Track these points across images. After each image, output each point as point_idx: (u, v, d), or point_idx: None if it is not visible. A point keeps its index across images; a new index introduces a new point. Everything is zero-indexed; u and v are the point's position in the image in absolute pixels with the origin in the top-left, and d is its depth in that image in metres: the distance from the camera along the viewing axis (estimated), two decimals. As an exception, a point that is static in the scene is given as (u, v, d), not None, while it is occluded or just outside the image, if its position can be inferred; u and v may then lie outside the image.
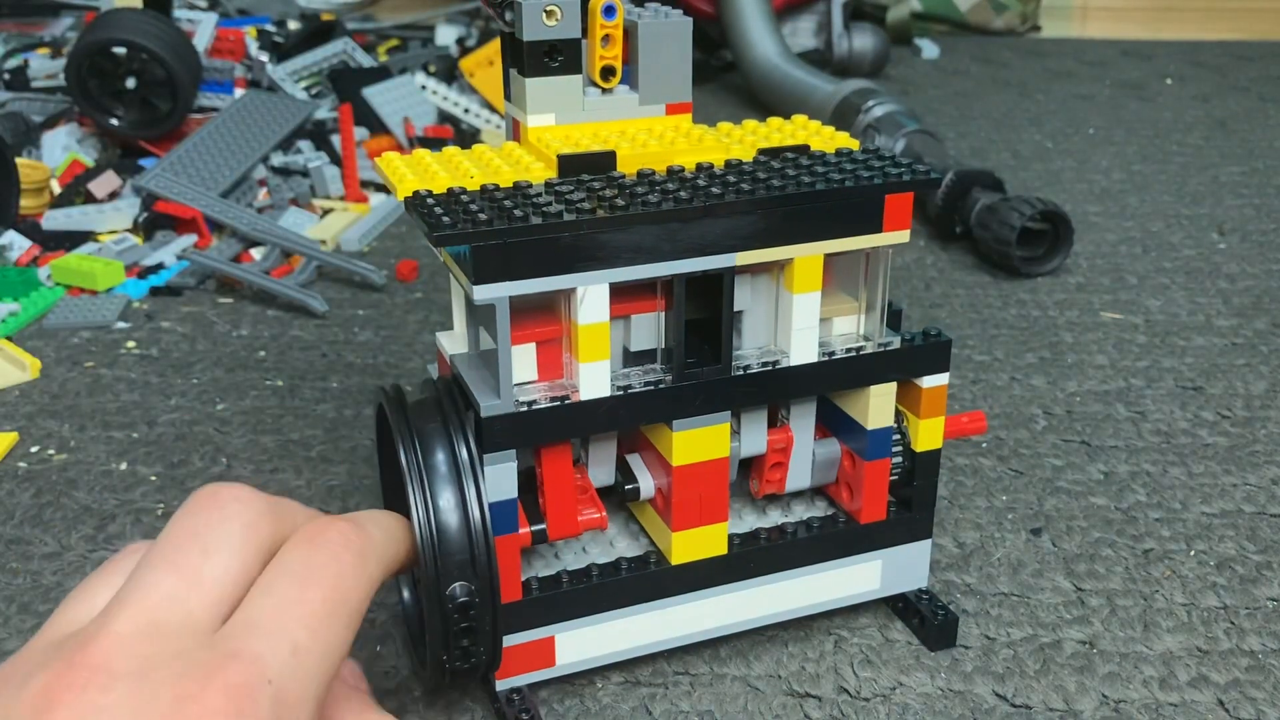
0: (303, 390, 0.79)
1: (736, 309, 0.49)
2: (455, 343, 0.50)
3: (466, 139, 1.35)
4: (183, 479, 0.68)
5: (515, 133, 0.50)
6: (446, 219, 0.42)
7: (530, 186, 0.45)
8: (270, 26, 1.47)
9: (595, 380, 0.46)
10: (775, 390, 0.49)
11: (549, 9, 0.46)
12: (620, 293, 0.46)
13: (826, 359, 0.49)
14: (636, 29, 0.48)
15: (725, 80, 1.78)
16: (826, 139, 0.51)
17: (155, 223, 1.04)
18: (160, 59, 1.12)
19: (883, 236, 0.48)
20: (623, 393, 0.46)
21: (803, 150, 0.49)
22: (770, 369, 0.49)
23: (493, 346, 0.45)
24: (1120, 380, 0.80)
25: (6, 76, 1.39)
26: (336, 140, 1.24)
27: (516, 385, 0.46)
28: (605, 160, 0.46)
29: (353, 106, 1.23)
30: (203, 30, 1.31)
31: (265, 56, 1.33)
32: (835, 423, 0.54)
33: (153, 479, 0.68)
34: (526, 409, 0.45)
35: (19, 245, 0.99)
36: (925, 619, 0.54)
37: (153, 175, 1.08)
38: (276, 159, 1.19)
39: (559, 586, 0.49)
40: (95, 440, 0.72)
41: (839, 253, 0.49)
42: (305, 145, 1.23)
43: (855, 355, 0.50)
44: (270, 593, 0.35)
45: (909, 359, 0.51)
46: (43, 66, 1.43)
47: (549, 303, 0.48)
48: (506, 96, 0.51)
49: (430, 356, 0.84)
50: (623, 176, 0.46)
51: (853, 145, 0.50)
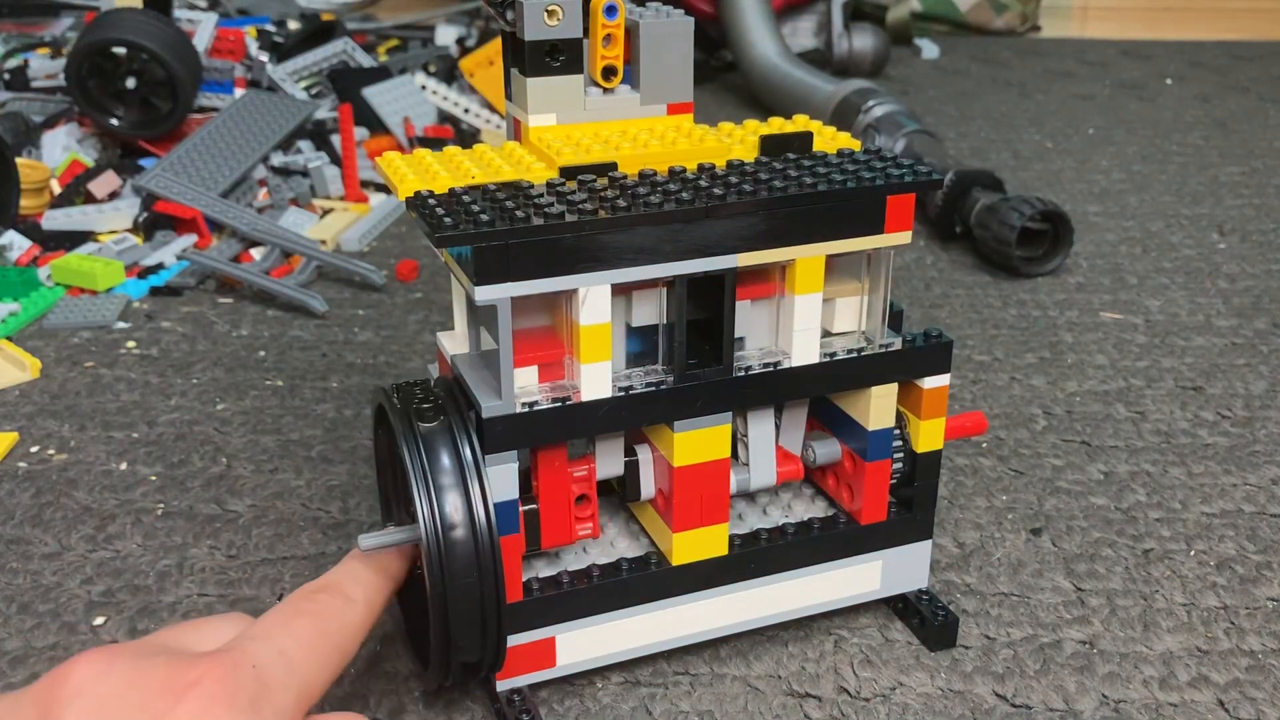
0: (303, 390, 0.79)
1: (738, 335, 0.49)
2: (456, 343, 0.50)
3: (466, 139, 1.35)
4: (183, 479, 0.68)
5: (516, 132, 0.50)
6: (448, 219, 0.42)
7: (532, 187, 0.45)
8: (270, 26, 1.47)
9: (597, 381, 0.46)
10: (777, 391, 0.49)
11: (550, 8, 0.46)
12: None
13: (828, 359, 0.49)
14: (638, 29, 0.48)
15: (725, 80, 1.78)
16: (828, 139, 0.51)
17: (155, 223, 1.04)
18: (160, 59, 1.12)
19: (885, 237, 0.48)
20: (624, 393, 0.46)
21: (806, 138, 0.49)
22: (772, 370, 0.49)
23: (494, 347, 0.45)
24: (1120, 380, 0.80)
25: (6, 76, 1.39)
26: (336, 140, 1.24)
27: (518, 388, 0.46)
28: (608, 170, 0.46)
29: (353, 106, 1.23)
30: (203, 30, 1.31)
31: (265, 56, 1.33)
32: (836, 423, 0.54)
33: (153, 479, 0.68)
34: (528, 410, 0.45)
35: (19, 245, 0.99)
36: (925, 619, 0.54)
37: (153, 175, 1.08)
38: (276, 159, 1.19)
39: (560, 587, 0.49)
40: (95, 440, 0.72)
41: (841, 254, 0.49)
42: (305, 145, 1.23)
43: (856, 356, 0.50)
44: (258, 624, 0.40)
45: (910, 360, 0.51)
46: (43, 66, 1.43)
47: (550, 313, 0.48)
48: (508, 96, 0.51)
49: (430, 356, 0.84)
50: (624, 177, 0.46)
51: (854, 146, 0.50)
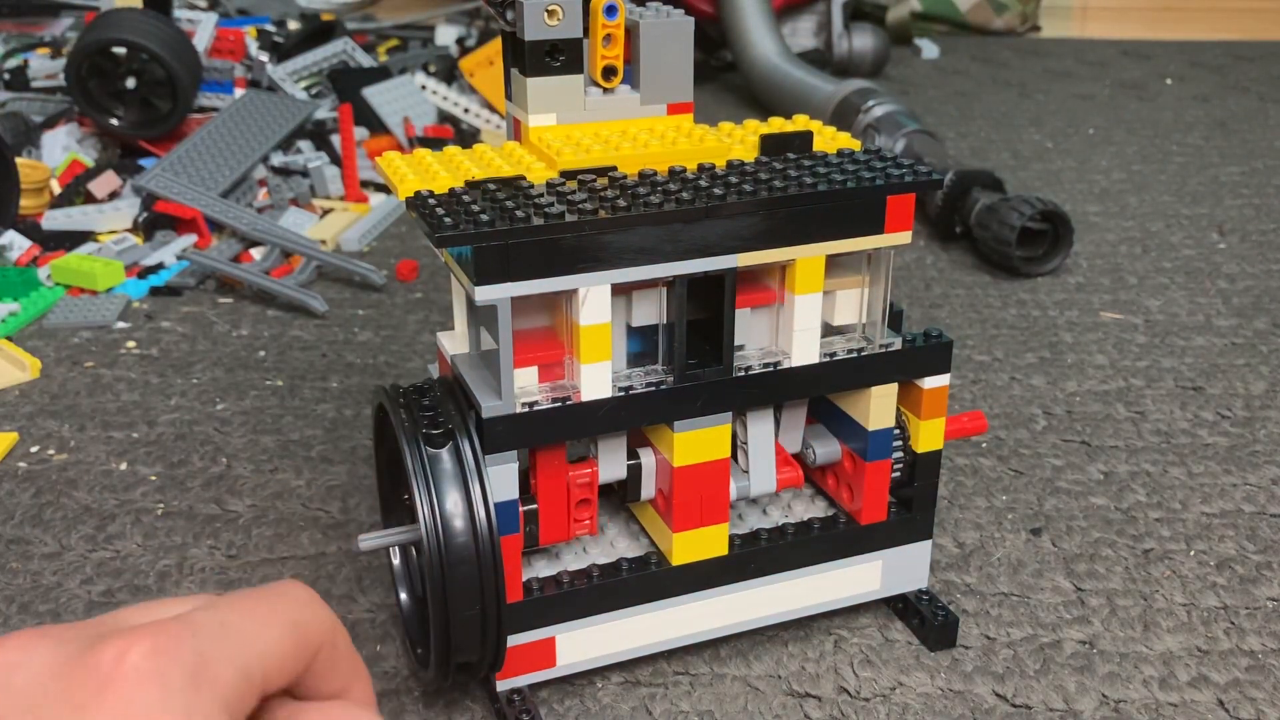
0: (303, 390, 0.79)
1: (737, 342, 0.49)
2: (456, 343, 0.50)
3: (466, 139, 1.35)
4: (183, 479, 0.68)
5: (516, 132, 0.50)
6: (448, 220, 0.42)
7: (532, 187, 0.45)
8: (270, 26, 1.47)
9: (597, 381, 0.46)
10: (777, 391, 0.49)
11: (550, 8, 0.46)
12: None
13: (828, 360, 0.49)
14: (638, 29, 0.48)
15: (725, 80, 1.78)
16: (828, 139, 0.51)
17: (155, 223, 1.04)
18: (160, 59, 1.12)
19: (885, 237, 0.48)
20: (624, 393, 0.46)
21: (806, 137, 0.49)
22: (772, 370, 0.49)
23: (494, 347, 0.45)
24: (1120, 380, 0.80)
25: (6, 76, 1.39)
26: (336, 140, 1.24)
27: (518, 388, 0.46)
28: (608, 171, 0.46)
29: (353, 106, 1.23)
30: (203, 30, 1.31)
31: (265, 56, 1.33)
32: (836, 423, 0.54)
33: (153, 479, 0.68)
34: (528, 410, 0.45)
35: (19, 245, 0.99)
36: (925, 619, 0.54)
37: (153, 175, 1.08)
38: (276, 159, 1.19)
39: (560, 587, 0.49)
40: (95, 440, 0.72)
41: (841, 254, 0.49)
42: (305, 145, 1.23)
43: (856, 356, 0.50)
44: (205, 600, 0.33)
45: (910, 360, 0.51)
46: (43, 66, 1.43)
47: (550, 313, 0.48)
48: (508, 96, 0.51)
49: (430, 356, 0.84)
50: (624, 177, 0.46)
51: (854, 146, 0.50)
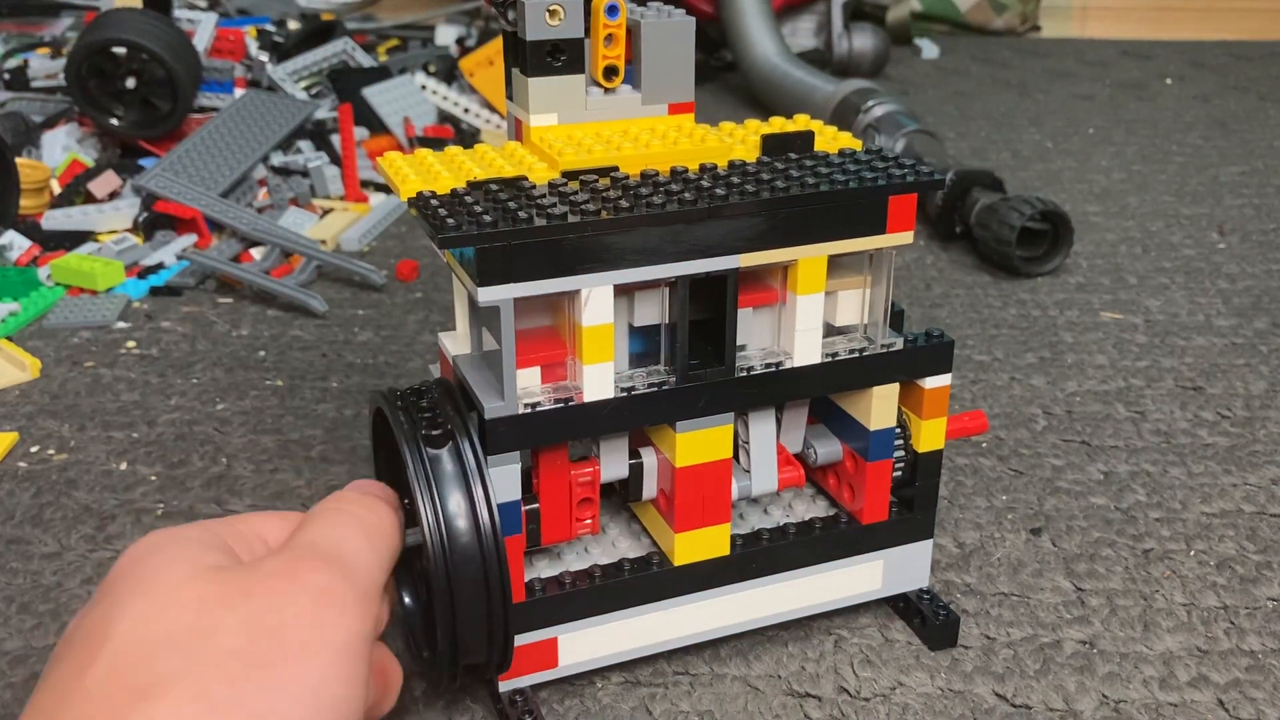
0: (303, 390, 0.79)
1: (740, 342, 0.49)
2: (458, 343, 0.50)
3: (467, 139, 1.35)
4: (183, 479, 0.68)
5: (517, 132, 0.50)
6: (451, 220, 0.42)
7: (534, 187, 0.45)
8: (270, 26, 1.47)
9: (599, 382, 0.46)
10: (779, 391, 0.49)
11: (552, 8, 0.46)
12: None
13: (830, 360, 0.49)
14: (639, 28, 0.48)
15: (725, 80, 1.78)
16: (829, 139, 0.51)
17: (155, 223, 1.04)
18: (160, 59, 1.12)
19: (886, 238, 0.48)
20: (626, 394, 0.46)
21: (807, 137, 0.49)
22: (774, 370, 0.49)
23: (496, 347, 0.45)
24: (1120, 380, 0.80)
25: (6, 76, 1.39)
26: (336, 140, 1.24)
27: (521, 389, 0.46)
28: (610, 171, 0.46)
29: (353, 106, 1.23)
30: (203, 30, 1.31)
31: (265, 56, 1.33)
32: (837, 423, 0.54)
33: (153, 479, 0.68)
34: (530, 411, 0.45)
35: (19, 245, 0.99)
36: (926, 619, 0.54)
37: (153, 175, 1.08)
38: (276, 159, 1.19)
39: (562, 588, 0.49)
40: (95, 440, 0.72)
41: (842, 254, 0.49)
42: (305, 145, 1.23)
43: (858, 356, 0.50)
44: (318, 529, 0.40)
45: (911, 360, 0.51)
46: (43, 66, 1.43)
47: (552, 314, 0.48)
48: (509, 96, 0.51)
49: (431, 356, 0.84)
50: (626, 177, 0.46)
51: (855, 145, 0.50)
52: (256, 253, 1.01)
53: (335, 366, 0.82)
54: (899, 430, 0.53)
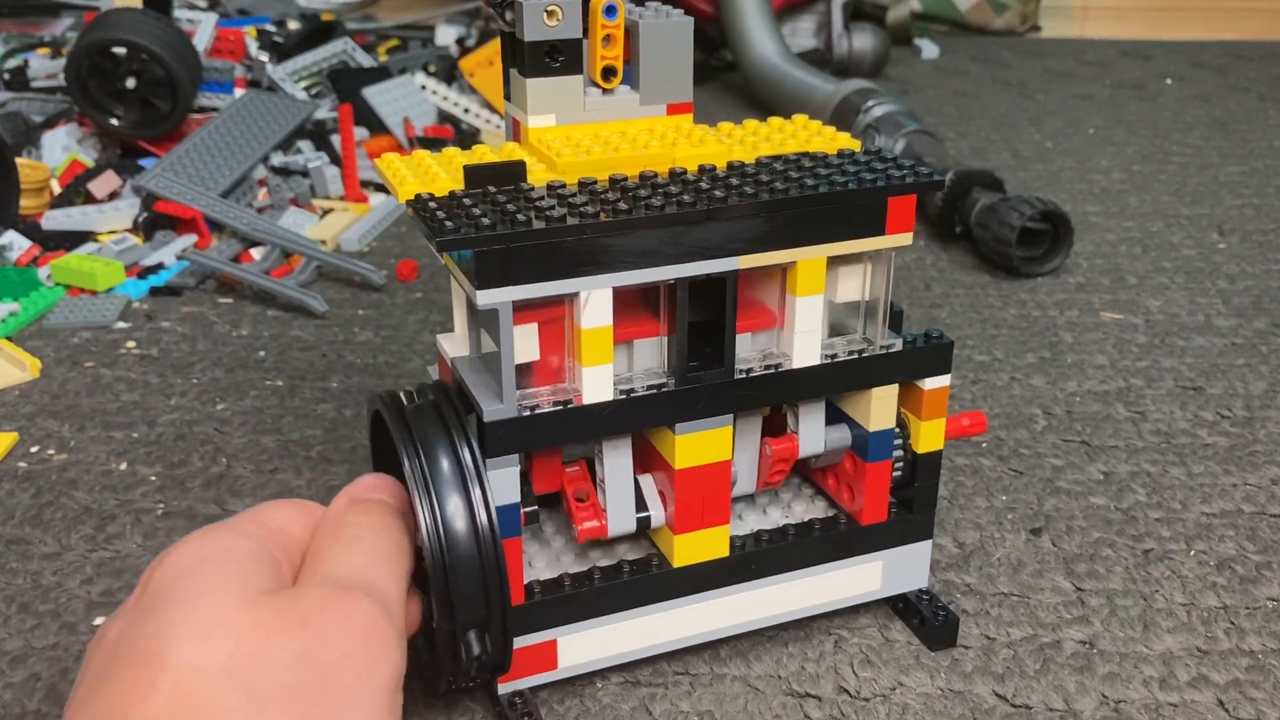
0: (303, 390, 0.79)
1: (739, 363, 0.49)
2: (456, 345, 0.50)
3: (466, 139, 1.35)
4: (183, 479, 0.68)
5: (515, 133, 0.50)
6: (449, 223, 0.42)
7: (532, 189, 0.45)
8: (270, 26, 1.47)
9: (598, 384, 0.46)
10: (778, 393, 0.49)
11: (550, 9, 0.46)
12: (623, 318, 0.46)
13: (829, 361, 0.49)
14: (637, 29, 0.48)
15: (725, 80, 1.78)
16: (828, 139, 0.51)
17: (155, 223, 1.04)
18: (160, 59, 1.12)
19: (886, 239, 0.48)
20: (625, 396, 0.46)
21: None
22: (773, 372, 0.49)
23: (494, 349, 0.45)
24: (1120, 380, 0.80)
25: (6, 76, 1.39)
26: (336, 140, 1.24)
27: (520, 391, 0.46)
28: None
29: (353, 106, 1.23)
30: (203, 30, 1.31)
31: (265, 56, 1.33)
32: (836, 424, 0.54)
33: (153, 479, 0.68)
34: (529, 413, 0.45)
35: (19, 245, 0.99)
36: (925, 619, 0.54)
37: (153, 175, 1.08)
38: (276, 159, 1.19)
39: (561, 590, 0.49)
40: (95, 440, 0.72)
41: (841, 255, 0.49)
42: (305, 145, 1.23)
43: (857, 358, 0.50)
44: (348, 555, 0.40)
45: (911, 361, 0.51)
46: (43, 66, 1.43)
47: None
48: (507, 97, 0.51)
49: (430, 357, 0.84)
50: (625, 179, 0.46)
51: (855, 146, 0.50)
52: (256, 253, 1.01)
53: (335, 366, 0.82)
54: (898, 431, 0.53)
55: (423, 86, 1.37)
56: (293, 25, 1.51)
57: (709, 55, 1.81)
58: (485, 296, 0.43)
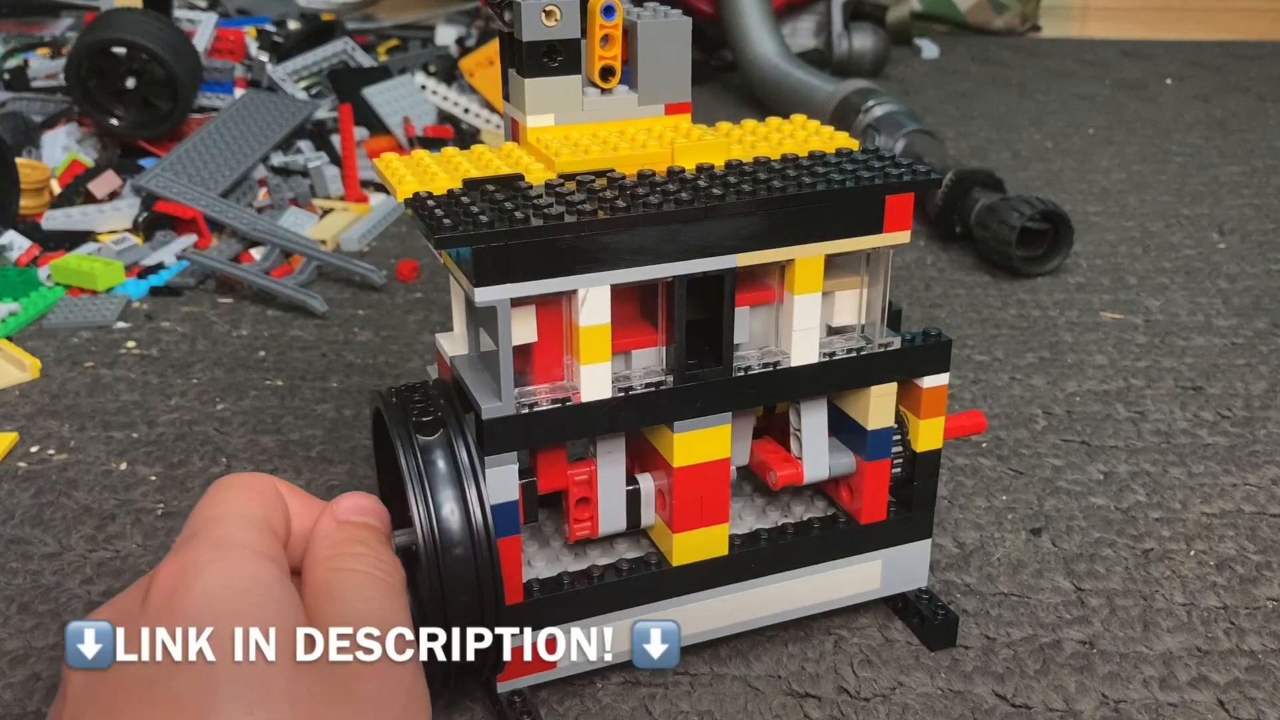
0: (303, 390, 0.79)
1: (736, 342, 0.49)
2: (455, 344, 0.50)
3: (466, 139, 1.35)
4: (183, 479, 0.68)
5: (514, 133, 0.50)
6: (447, 221, 0.42)
7: (530, 188, 0.45)
8: (270, 26, 1.47)
9: (596, 382, 0.46)
10: (776, 391, 0.49)
11: (548, 9, 0.46)
12: (621, 328, 0.46)
13: (827, 359, 0.49)
14: (636, 29, 0.48)
15: (725, 80, 1.78)
16: (826, 139, 0.51)
17: (155, 223, 1.04)
18: (160, 59, 1.12)
19: (884, 237, 0.48)
20: (624, 394, 0.46)
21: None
22: (771, 370, 0.49)
23: (493, 348, 0.45)
24: (1120, 380, 0.80)
25: (6, 76, 1.39)
26: (336, 140, 1.24)
27: (518, 390, 0.46)
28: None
29: (353, 106, 1.23)
30: (203, 30, 1.30)
31: (265, 56, 1.33)
32: (836, 423, 0.54)
33: (153, 479, 0.68)
34: (528, 411, 0.45)
35: (19, 245, 0.99)
36: (925, 619, 0.54)
37: (153, 175, 1.08)
38: (276, 159, 1.19)
39: (560, 588, 0.49)
40: (95, 440, 0.72)
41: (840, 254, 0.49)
42: (305, 145, 1.23)
43: (856, 356, 0.50)
44: (364, 598, 0.40)
45: (909, 359, 0.51)
46: (43, 66, 1.43)
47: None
48: (505, 97, 0.51)
49: (430, 357, 0.84)
50: (623, 177, 0.46)
51: (853, 145, 0.50)
52: (256, 253, 1.01)
53: (335, 366, 0.82)
54: (897, 430, 0.53)
55: (423, 86, 1.37)
56: (293, 25, 1.51)
57: (709, 55, 1.81)
58: (484, 294, 0.43)
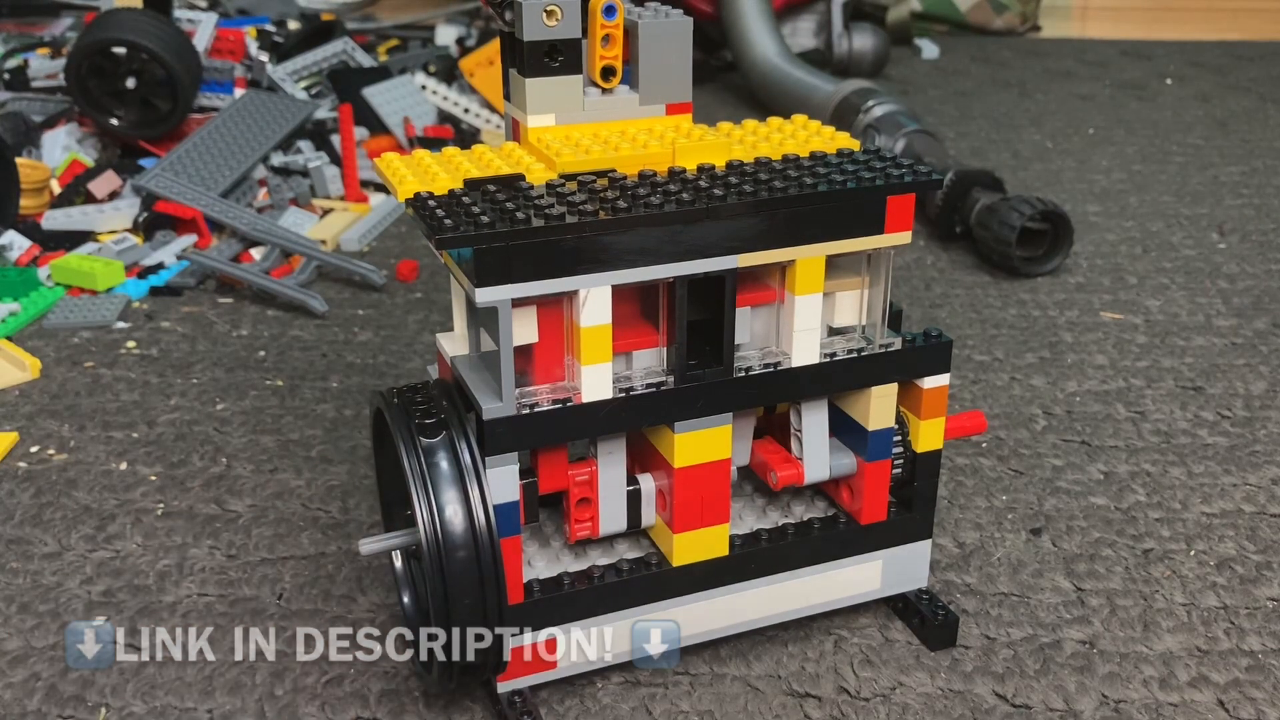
0: (303, 390, 0.79)
1: (737, 342, 0.49)
2: (455, 344, 0.50)
3: (466, 139, 1.35)
4: (183, 479, 0.68)
5: (515, 133, 0.50)
6: (448, 221, 0.42)
7: (531, 188, 0.45)
8: (270, 26, 1.47)
9: (597, 382, 0.46)
10: (777, 392, 0.49)
11: (549, 9, 0.46)
12: (622, 329, 0.46)
13: (828, 360, 0.49)
14: (637, 29, 0.48)
15: (725, 80, 1.78)
16: (827, 139, 0.51)
17: (155, 223, 1.04)
18: (160, 59, 1.12)
19: (885, 238, 0.48)
20: (625, 395, 0.46)
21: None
22: (772, 370, 0.49)
23: (494, 348, 0.45)
24: (1120, 380, 0.80)
25: (6, 76, 1.39)
26: (336, 140, 1.24)
27: (519, 390, 0.46)
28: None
29: (353, 106, 1.23)
30: (203, 30, 1.30)
31: (265, 56, 1.33)
32: (836, 423, 0.54)
33: (153, 479, 0.68)
34: (529, 411, 0.45)
35: (19, 245, 0.99)
36: (925, 619, 0.54)
37: (153, 175, 1.08)
38: (276, 159, 1.19)
39: (560, 588, 0.49)
40: (95, 440, 0.72)
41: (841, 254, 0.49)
42: (305, 145, 1.23)
43: (856, 356, 0.50)
44: None
45: (910, 360, 0.51)
46: (43, 66, 1.43)
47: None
48: (506, 97, 0.51)
49: (430, 357, 0.84)
50: (624, 178, 0.46)
51: (854, 146, 0.50)
52: (256, 253, 1.01)
53: (335, 366, 0.82)
54: (897, 430, 0.53)
55: (423, 86, 1.37)
56: (293, 25, 1.51)
57: (709, 55, 1.81)
58: (484, 294, 0.43)
